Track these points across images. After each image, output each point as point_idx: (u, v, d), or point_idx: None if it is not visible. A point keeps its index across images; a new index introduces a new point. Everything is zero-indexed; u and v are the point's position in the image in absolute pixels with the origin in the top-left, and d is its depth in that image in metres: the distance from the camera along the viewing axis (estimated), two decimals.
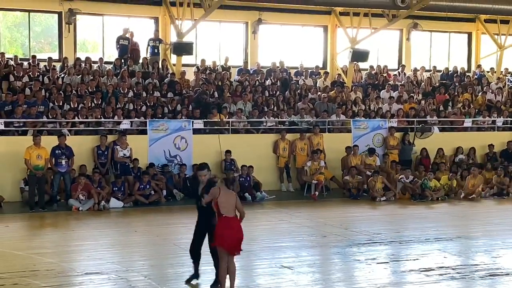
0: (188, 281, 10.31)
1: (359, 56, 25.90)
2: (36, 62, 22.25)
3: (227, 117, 21.45)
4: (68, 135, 18.76)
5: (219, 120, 21.18)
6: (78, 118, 19.76)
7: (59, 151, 17.79)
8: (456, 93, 26.61)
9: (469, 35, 30.38)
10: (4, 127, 18.83)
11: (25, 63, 22.26)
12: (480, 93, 26.83)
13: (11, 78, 21.26)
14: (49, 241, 13.86)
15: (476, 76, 28.58)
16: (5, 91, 20.77)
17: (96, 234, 14.69)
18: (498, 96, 26.74)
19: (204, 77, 23.97)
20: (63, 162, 17.78)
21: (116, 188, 18.33)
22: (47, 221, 16.29)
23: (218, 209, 9.46)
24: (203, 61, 24.92)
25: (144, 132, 20.16)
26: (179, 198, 19.20)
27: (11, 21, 25.07)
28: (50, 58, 22.68)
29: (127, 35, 24.12)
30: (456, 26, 29.23)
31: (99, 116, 20.02)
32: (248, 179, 19.67)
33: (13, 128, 19.08)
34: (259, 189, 19.72)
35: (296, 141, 21.35)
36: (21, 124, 19.14)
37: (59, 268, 11.22)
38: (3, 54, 22.53)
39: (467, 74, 28.82)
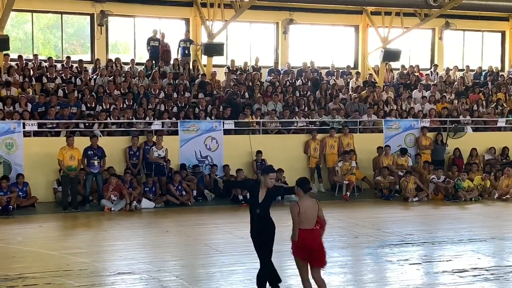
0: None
1: (390, 55, 25.73)
2: (70, 64, 22.50)
3: (258, 117, 21.44)
4: (100, 136, 18.92)
5: (250, 120, 21.19)
6: (110, 119, 19.91)
7: (91, 152, 17.95)
8: (489, 93, 26.29)
9: (503, 34, 30.01)
10: (38, 128, 19.04)
11: (58, 65, 22.52)
12: None
13: (44, 79, 21.51)
14: (82, 241, 13.97)
15: (510, 75, 28.20)
16: (38, 92, 21.01)
17: (128, 235, 14.78)
18: None
19: (235, 77, 23.99)
20: (95, 162, 17.93)
21: (148, 189, 18.42)
22: (80, 221, 16.44)
23: (298, 222, 8.79)
24: (233, 61, 24.95)
25: (175, 133, 20.24)
26: (210, 199, 19.24)
27: (44, 23, 25.37)
28: (81, 61, 22.86)
29: (158, 36, 24.26)
30: (489, 25, 28.87)
31: (130, 117, 20.16)
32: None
33: (46, 129, 19.29)
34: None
35: (326, 139, 21.27)
36: (54, 125, 19.35)
37: (92, 268, 11.30)
38: (36, 55, 22.84)
39: (500, 73, 28.44)
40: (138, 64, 23.83)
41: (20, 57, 22.22)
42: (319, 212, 8.88)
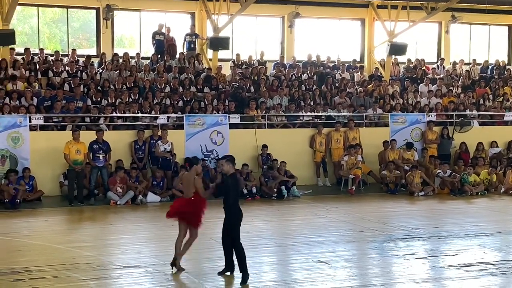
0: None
1: (397, 49, 25.65)
2: (76, 58, 22.50)
3: (264, 111, 21.42)
4: (106, 130, 18.93)
5: (255, 114, 21.17)
6: (116, 113, 19.92)
7: (97, 146, 18.00)
8: (496, 87, 26.20)
9: (510, 27, 29.90)
10: (44, 122, 19.06)
11: (64, 59, 22.53)
12: None
13: (50, 74, 21.52)
14: (88, 235, 14.00)
15: None
16: (44, 86, 21.03)
17: (134, 228, 14.81)
18: None
19: (240, 71, 23.97)
20: (101, 156, 17.99)
21: (156, 183, 18.42)
22: (86, 215, 16.48)
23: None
24: (238, 55, 24.91)
25: (180, 127, 20.24)
26: None
27: (50, 17, 25.38)
28: (88, 56, 22.79)
29: (163, 30, 24.25)
30: (496, 18, 28.67)
31: (136, 111, 20.16)
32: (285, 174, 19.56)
33: (52, 123, 19.31)
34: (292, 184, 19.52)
35: (331, 133, 21.24)
36: (60, 119, 19.36)
37: (98, 262, 11.34)
38: (42, 50, 22.85)
39: (507, 67, 28.32)
40: (143, 58, 23.82)
41: (26, 50, 22.24)
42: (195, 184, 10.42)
